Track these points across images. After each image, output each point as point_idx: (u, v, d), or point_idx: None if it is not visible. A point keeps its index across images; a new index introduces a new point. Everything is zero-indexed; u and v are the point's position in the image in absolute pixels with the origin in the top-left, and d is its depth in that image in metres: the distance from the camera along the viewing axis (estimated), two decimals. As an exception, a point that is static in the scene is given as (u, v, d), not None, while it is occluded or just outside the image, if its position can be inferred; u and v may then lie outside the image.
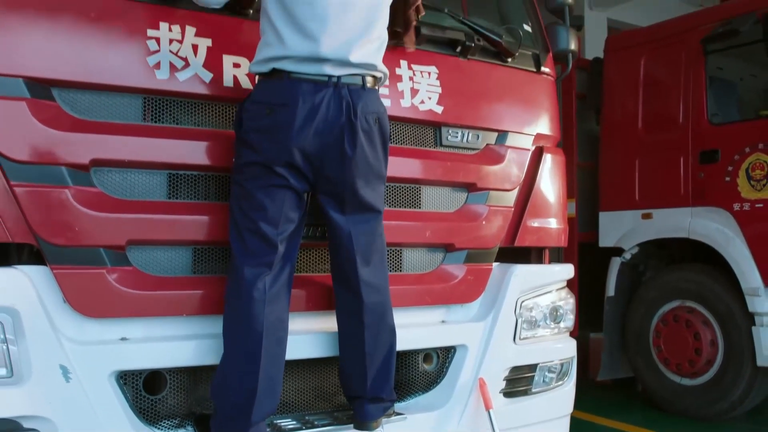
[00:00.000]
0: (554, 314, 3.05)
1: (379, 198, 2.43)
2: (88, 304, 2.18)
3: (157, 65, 2.28)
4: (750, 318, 4.86)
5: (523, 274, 2.94)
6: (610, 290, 5.73)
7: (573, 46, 3.43)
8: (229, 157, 2.36)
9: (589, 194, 6.08)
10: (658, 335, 5.41)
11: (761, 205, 4.83)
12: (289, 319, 2.33)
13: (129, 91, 2.28)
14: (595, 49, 9.55)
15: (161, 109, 2.34)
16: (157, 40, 2.30)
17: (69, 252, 2.16)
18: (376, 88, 2.41)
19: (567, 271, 3.17)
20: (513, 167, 2.97)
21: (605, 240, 5.82)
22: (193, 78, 2.34)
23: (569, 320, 3.14)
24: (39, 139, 2.13)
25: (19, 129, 2.11)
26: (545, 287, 3.05)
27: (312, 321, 2.54)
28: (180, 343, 2.29)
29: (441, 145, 2.83)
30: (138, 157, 2.26)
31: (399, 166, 2.67)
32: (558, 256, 6.09)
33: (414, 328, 2.69)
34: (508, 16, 3.46)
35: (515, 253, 3.08)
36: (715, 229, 5.07)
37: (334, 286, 2.48)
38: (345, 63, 2.30)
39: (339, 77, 2.29)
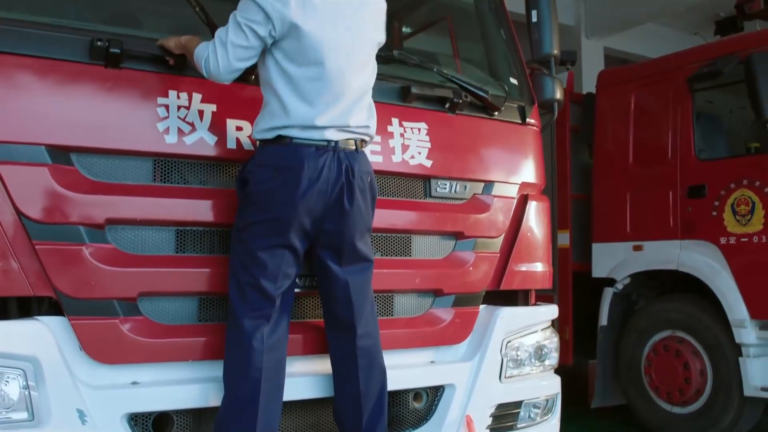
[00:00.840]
0: (539, 353, 3.25)
1: (370, 249, 2.66)
2: (103, 351, 2.39)
3: (167, 130, 2.51)
4: (737, 349, 5.03)
5: (508, 316, 3.14)
6: (603, 320, 5.91)
7: (558, 95, 3.65)
8: (231, 214, 2.58)
9: (583, 225, 6.26)
10: (650, 364, 5.58)
11: (746, 240, 5.01)
12: (286, 362, 2.54)
13: (141, 155, 2.50)
14: (591, 78, 9.79)
15: (170, 169, 2.56)
16: (167, 107, 2.52)
17: (85, 304, 2.37)
18: (365, 149, 2.63)
19: (551, 311, 3.37)
20: (499, 215, 3.18)
21: (598, 271, 6.00)
22: (199, 141, 2.56)
23: (554, 358, 3.33)
24: (59, 201, 2.35)
25: (41, 192, 2.34)
26: (530, 327, 3.25)
27: (307, 364, 2.73)
28: (186, 386, 2.50)
29: (430, 196, 3.04)
30: (148, 215, 2.48)
31: (391, 217, 2.89)
32: (553, 287, 6.33)
33: (405, 369, 2.89)
34: (496, 66, 3.69)
35: (503, 294, 3.28)
36: (703, 262, 5.25)
37: (328, 331, 2.68)
38: (343, 129, 2.53)
39: (337, 142, 2.52)
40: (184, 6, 2.63)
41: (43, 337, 2.31)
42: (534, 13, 3.69)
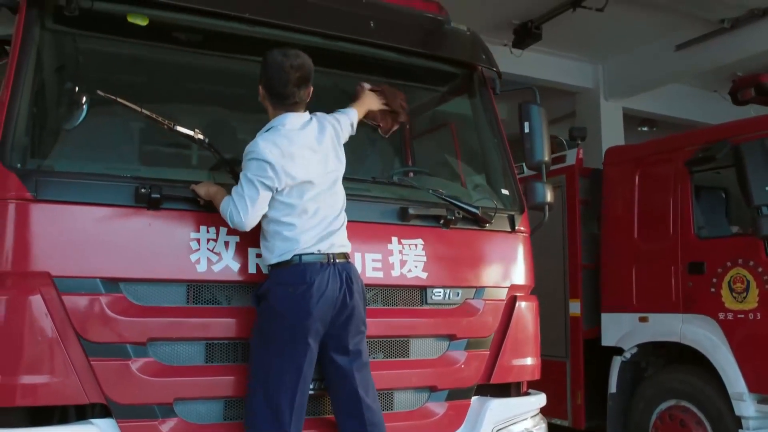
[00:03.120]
0: (527, 439, 3.67)
1: (366, 344, 3.18)
2: (145, 449, 2.91)
3: (198, 261, 3.06)
4: (738, 421, 5.34)
5: (497, 407, 3.59)
6: (612, 387, 6.27)
7: (549, 198, 4.12)
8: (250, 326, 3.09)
9: (593, 294, 6.65)
10: (657, 431, 5.92)
11: (743, 316, 5.37)
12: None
13: (177, 282, 3.05)
14: (610, 139, 10.26)
15: (201, 292, 3.10)
16: (198, 240, 3.08)
17: (131, 409, 2.91)
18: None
19: (539, 400, 3.80)
20: (488, 317, 3.65)
21: (607, 339, 6.38)
22: (225, 268, 3.11)
23: (542, 443, 3.76)
24: (110, 323, 2.91)
25: (95, 317, 2.89)
26: (520, 416, 3.68)
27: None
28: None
29: (426, 303, 3.53)
30: (182, 333, 3.02)
31: (391, 325, 3.39)
32: (565, 353, 6.72)
33: (403, 457, 3.35)
34: (491, 174, 4.18)
35: (495, 384, 3.73)
36: (703, 335, 5.61)
37: (339, 418, 3.17)
38: (335, 245, 3.09)
39: (334, 255, 3.07)
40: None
41: (96, 438, 2.84)
42: (526, 124, 4.17)
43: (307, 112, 3.21)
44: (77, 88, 3.18)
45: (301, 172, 3.03)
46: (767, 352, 5.21)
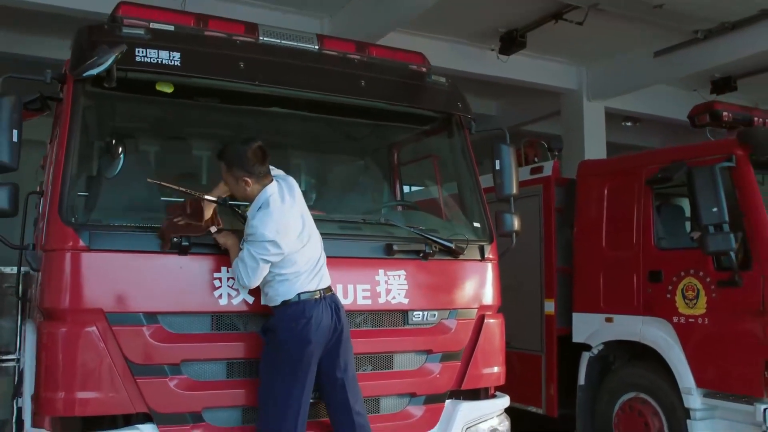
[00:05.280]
0: (492, 435, 4.51)
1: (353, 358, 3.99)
2: (180, 449, 3.73)
3: (220, 296, 3.85)
4: (687, 412, 6.19)
5: (467, 408, 4.41)
6: (581, 380, 7.12)
7: (516, 227, 4.89)
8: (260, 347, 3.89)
9: (566, 295, 7.46)
10: (619, 421, 6.78)
11: (693, 320, 6.18)
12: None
13: (203, 313, 3.85)
14: (593, 136, 11.01)
15: (222, 321, 3.90)
16: (220, 279, 3.86)
17: (168, 416, 3.72)
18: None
19: (504, 402, 4.63)
20: (460, 334, 4.46)
21: (577, 337, 7.21)
22: (242, 301, 3.90)
23: (505, 438, 4.59)
24: (151, 349, 3.70)
25: (140, 344, 3.69)
26: (486, 415, 4.50)
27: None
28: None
29: (407, 324, 4.33)
30: (208, 355, 3.82)
31: (378, 343, 4.20)
32: (541, 348, 7.55)
33: (389, 451, 4.18)
34: (465, 207, 4.95)
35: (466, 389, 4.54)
36: (660, 336, 6.43)
37: (333, 421, 3.97)
38: (323, 280, 3.89)
39: (323, 290, 3.87)
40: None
41: (141, 440, 3.66)
42: (497, 162, 4.92)
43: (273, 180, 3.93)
44: (114, 141, 3.95)
45: (292, 237, 3.78)
46: (712, 353, 6.04)
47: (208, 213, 3.80)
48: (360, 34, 8.70)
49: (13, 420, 6.41)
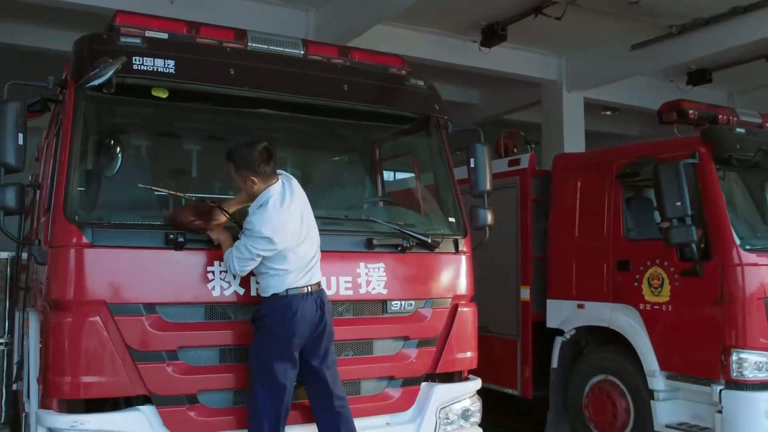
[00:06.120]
0: (465, 414, 4.91)
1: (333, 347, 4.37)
2: (178, 427, 4.10)
3: (213, 288, 4.22)
4: (651, 393, 6.64)
5: (441, 390, 4.81)
6: (554, 363, 7.56)
7: (489, 221, 5.27)
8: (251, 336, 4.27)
9: (541, 282, 7.88)
10: (588, 402, 7.23)
11: (658, 307, 6.62)
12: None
13: (197, 304, 4.22)
14: (572, 125, 11.40)
15: (215, 311, 4.27)
16: (213, 272, 4.23)
17: (166, 398, 4.10)
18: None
19: (476, 384, 5.04)
20: (435, 321, 4.85)
21: (551, 322, 7.64)
22: (233, 293, 4.27)
23: (477, 417, 5.00)
24: (150, 337, 4.07)
25: (140, 332, 4.05)
26: (459, 397, 4.91)
27: (302, 429, 4.43)
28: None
29: (386, 312, 4.72)
30: (202, 342, 4.19)
31: (359, 330, 4.59)
32: (517, 332, 7.97)
33: (368, 430, 4.57)
34: (441, 201, 5.33)
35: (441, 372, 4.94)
36: (627, 322, 6.87)
37: (314, 404, 4.36)
38: (313, 278, 4.25)
39: (312, 286, 4.23)
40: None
41: (141, 420, 4.03)
42: (472, 160, 5.29)
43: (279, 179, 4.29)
44: (112, 143, 4.30)
45: (287, 234, 4.13)
46: (675, 338, 6.48)
47: (220, 220, 4.20)
48: (345, 26, 9.04)
49: (3, 402, 6.80)
